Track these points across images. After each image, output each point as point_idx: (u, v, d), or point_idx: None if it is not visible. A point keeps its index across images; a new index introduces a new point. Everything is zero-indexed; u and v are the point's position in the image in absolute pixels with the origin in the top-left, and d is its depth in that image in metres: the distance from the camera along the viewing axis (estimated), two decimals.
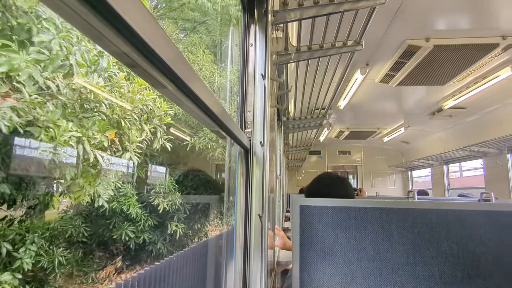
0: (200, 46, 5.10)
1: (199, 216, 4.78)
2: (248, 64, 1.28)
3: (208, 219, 5.01)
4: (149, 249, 3.97)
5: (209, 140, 4.51)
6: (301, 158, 8.74)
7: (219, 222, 5.28)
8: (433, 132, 6.63)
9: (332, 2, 1.57)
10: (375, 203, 0.77)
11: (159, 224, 4.02)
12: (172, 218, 4.12)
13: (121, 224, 3.73)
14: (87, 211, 3.76)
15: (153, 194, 4.00)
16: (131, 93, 3.40)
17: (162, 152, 4.07)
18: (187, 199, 4.37)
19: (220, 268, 1.51)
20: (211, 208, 5.07)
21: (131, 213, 3.68)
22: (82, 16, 0.29)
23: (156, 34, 0.37)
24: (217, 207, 5.16)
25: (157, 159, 4.35)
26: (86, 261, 3.67)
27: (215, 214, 5.20)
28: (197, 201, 4.61)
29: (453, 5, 2.37)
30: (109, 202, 3.35)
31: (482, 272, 0.72)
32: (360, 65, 3.42)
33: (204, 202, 4.76)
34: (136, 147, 3.38)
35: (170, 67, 0.41)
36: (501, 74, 3.33)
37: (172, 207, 4.04)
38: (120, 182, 3.69)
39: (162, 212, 3.97)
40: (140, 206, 3.88)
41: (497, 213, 0.75)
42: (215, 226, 5.28)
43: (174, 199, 4.08)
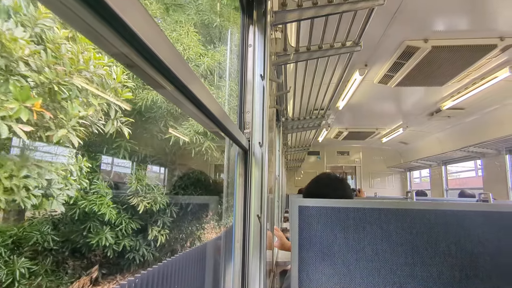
0: (185, 24, 4.28)
1: (191, 219, 4.29)
2: (247, 64, 1.28)
3: (201, 221, 4.55)
4: (131, 257, 3.41)
5: (195, 133, 3.80)
6: (300, 159, 8.75)
7: (215, 225, 4.86)
8: (431, 133, 6.65)
9: (331, 3, 1.57)
10: (373, 204, 0.78)
11: (142, 228, 3.49)
12: (156, 222, 3.58)
13: (98, 228, 3.17)
14: (59, 214, 3.21)
15: (132, 194, 3.39)
16: (72, 54, 2.50)
17: (144, 144, 3.65)
18: (175, 200, 3.89)
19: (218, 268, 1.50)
20: (205, 210, 4.59)
21: (106, 216, 3.10)
22: (80, 16, 0.29)
23: (155, 35, 0.37)
24: (211, 208, 4.69)
25: (137, 152, 3.62)
26: (56, 272, 3.06)
27: (210, 216, 4.72)
28: (188, 202, 4.14)
29: (451, 6, 2.38)
30: (77, 203, 2.90)
31: (480, 273, 0.73)
32: (358, 65, 3.43)
33: (197, 203, 4.30)
34: (80, 126, 2.52)
35: (169, 68, 0.41)
36: (499, 75, 3.35)
37: (156, 208, 3.49)
38: (87, 179, 3.06)
39: (146, 214, 3.46)
40: (118, 207, 3.32)
41: (495, 214, 0.75)
42: (211, 228, 4.86)
43: (158, 199, 3.49)
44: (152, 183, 3.51)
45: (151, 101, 3.51)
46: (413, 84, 3.76)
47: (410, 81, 3.65)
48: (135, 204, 3.26)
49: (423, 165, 8.00)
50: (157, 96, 3.53)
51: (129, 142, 3.24)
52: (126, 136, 2.98)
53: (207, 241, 4.37)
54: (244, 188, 1.15)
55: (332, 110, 5.18)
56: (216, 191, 4.55)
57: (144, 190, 3.40)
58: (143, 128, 3.71)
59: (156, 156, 3.90)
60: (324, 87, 3.17)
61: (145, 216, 3.45)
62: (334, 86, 3.11)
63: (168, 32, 4.11)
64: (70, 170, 2.65)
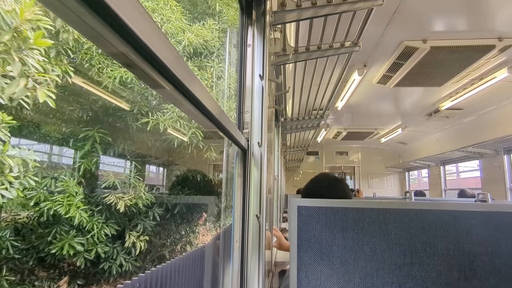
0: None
1: (181, 221, 3.74)
2: (246, 64, 1.28)
3: (193, 224, 4.03)
4: (107, 267, 2.82)
5: (179, 118, 3.06)
6: (299, 159, 8.75)
7: (211, 227, 4.41)
8: (430, 133, 6.66)
9: (330, 3, 1.57)
10: (372, 204, 0.78)
11: (119, 232, 2.89)
12: (137, 226, 2.99)
13: (63, 234, 2.57)
14: (24, 218, 2.65)
15: (108, 190, 2.79)
16: None
17: (121, 136, 3.01)
18: (160, 199, 3.35)
19: (217, 268, 1.50)
20: (198, 212, 4.02)
21: (76, 219, 2.52)
22: (79, 16, 0.29)
23: (154, 34, 0.37)
24: (205, 210, 4.17)
25: (111, 144, 2.93)
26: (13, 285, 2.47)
27: (203, 218, 4.23)
28: (177, 202, 3.55)
29: (450, 6, 2.39)
30: (40, 205, 2.39)
31: (479, 273, 0.73)
32: (357, 66, 3.44)
33: (188, 204, 3.73)
34: None
35: (167, 68, 0.41)
36: (498, 76, 3.36)
37: (137, 209, 2.92)
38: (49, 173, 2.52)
39: (124, 216, 2.91)
40: (92, 208, 2.73)
41: (493, 214, 0.75)
42: (205, 232, 4.41)
43: (141, 196, 2.88)
44: (134, 180, 2.94)
45: (122, 80, 2.78)
46: (411, 84, 3.77)
47: (409, 82, 3.66)
48: (113, 203, 2.72)
49: (422, 165, 8.02)
50: (126, 74, 2.79)
51: (101, 132, 2.70)
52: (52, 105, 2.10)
53: (206, 242, 4.21)
54: (243, 188, 1.15)
55: (331, 110, 5.19)
56: (210, 191, 4.07)
57: (125, 186, 2.87)
58: (119, 114, 2.96)
59: (136, 152, 3.21)
60: (323, 87, 3.18)
61: (124, 220, 2.87)
62: (333, 86, 3.11)
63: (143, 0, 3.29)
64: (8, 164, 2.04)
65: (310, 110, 4.17)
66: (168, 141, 3.24)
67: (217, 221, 4.11)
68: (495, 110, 4.69)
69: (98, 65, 2.70)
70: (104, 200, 2.75)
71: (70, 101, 2.69)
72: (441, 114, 5.00)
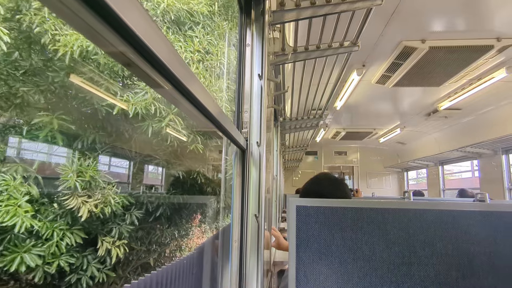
0: None
1: (168, 225, 3.31)
2: (245, 64, 1.28)
3: (182, 228, 3.59)
4: (74, 280, 2.33)
5: (154, 100, 2.53)
6: (298, 159, 8.76)
7: (205, 230, 3.96)
8: (428, 133, 6.67)
9: (329, 3, 1.57)
10: (371, 204, 0.78)
11: (89, 239, 2.43)
12: (111, 231, 2.51)
13: (15, 245, 2.06)
14: None
15: (70, 193, 2.26)
16: None
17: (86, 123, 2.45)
18: (141, 200, 2.90)
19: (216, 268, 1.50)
20: (189, 213, 3.58)
21: (19, 227, 2.00)
22: (78, 15, 0.29)
23: (153, 34, 0.37)
24: (195, 212, 3.71)
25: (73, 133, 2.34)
26: None
27: (196, 220, 3.80)
28: (161, 203, 3.11)
29: (448, 7, 2.39)
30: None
31: (477, 272, 0.73)
32: (356, 66, 3.44)
33: (174, 204, 3.31)
34: None
35: (167, 67, 0.41)
36: (496, 76, 3.37)
37: (109, 212, 2.41)
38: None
39: (97, 221, 2.42)
40: (46, 212, 2.18)
41: (491, 214, 0.75)
42: (198, 236, 3.97)
43: (110, 201, 2.36)
44: (103, 177, 2.44)
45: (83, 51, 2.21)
46: (410, 84, 3.77)
47: (408, 82, 3.66)
48: (74, 207, 2.22)
49: (420, 165, 8.04)
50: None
51: (62, 119, 2.14)
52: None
53: (204, 241, 4.03)
54: (242, 188, 1.14)
55: (329, 110, 5.19)
56: (202, 190, 3.63)
57: (89, 187, 2.34)
58: (85, 96, 2.32)
59: (110, 144, 2.67)
60: (322, 87, 3.18)
61: (94, 225, 2.44)
62: (332, 86, 3.12)
63: None
64: None
65: (309, 110, 4.18)
66: (148, 130, 2.61)
67: (211, 223, 3.78)
68: (493, 110, 4.70)
69: (52, 31, 2.08)
70: (65, 203, 2.23)
71: (15, 78, 2.09)
72: (439, 114, 5.01)
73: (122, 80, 2.58)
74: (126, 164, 3.06)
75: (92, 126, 2.47)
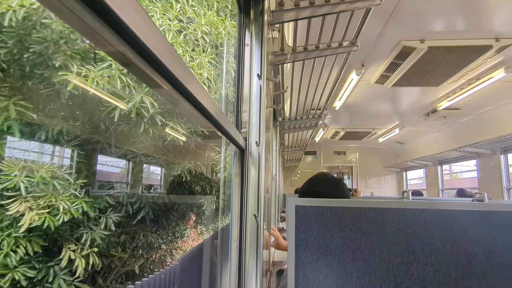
0: None
1: (154, 227, 2.93)
2: (244, 64, 1.28)
3: (172, 231, 3.18)
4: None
5: (122, 75, 2.01)
6: (297, 159, 8.76)
7: (197, 233, 3.53)
8: (427, 133, 6.69)
9: (328, 2, 1.57)
10: (370, 204, 0.78)
11: (53, 247, 2.04)
12: (81, 237, 2.11)
13: None
14: None
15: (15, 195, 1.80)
16: None
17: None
18: (120, 201, 2.51)
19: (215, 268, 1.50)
20: (177, 215, 3.13)
21: None
22: (77, 14, 0.29)
23: (152, 33, 0.37)
24: (188, 212, 3.23)
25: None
26: None
27: (190, 223, 3.38)
28: (146, 202, 2.70)
29: (447, 7, 2.40)
30: None
31: (476, 272, 0.73)
32: (355, 65, 3.44)
33: (162, 204, 2.90)
34: None
35: (166, 67, 0.41)
36: (495, 76, 3.37)
37: (87, 214, 2.06)
38: None
39: (61, 226, 1.97)
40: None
41: (490, 213, 0.76)
42: (190, 240, 3.57)
43: (60, 208, 1.89)
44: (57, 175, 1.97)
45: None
46: (409, 84, 3.78)
47: (407, 82, 3.67)
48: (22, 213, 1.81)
49: (419, 165, 8.05)
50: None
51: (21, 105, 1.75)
52: None
53: (203, 240, 3.89)
54: (241, 188, 1.14)
55: (329, 110, 5.20)
56: (193, 190, 3.19)
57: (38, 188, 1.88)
58: (44, 74, 1.86)
59: (78, 135, 2.21)
60: (321, 87, 3.18)
61: (60, 230, 2.05)
62: (331, 86, 3.12)
63: None
64: None
65: (308, 109, 4.18)
66: (113, 113, 2.09)
67: (204, 225, 3.46)
68: (492, 110, 4.71)
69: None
70: (9, 208, 1.79)
71: None
72: (438, 114, 5.02)
73: (79, 52, 2.00)
74: (103, 160, 2.63)
75: (49, 112, 2.01)
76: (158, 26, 2.09)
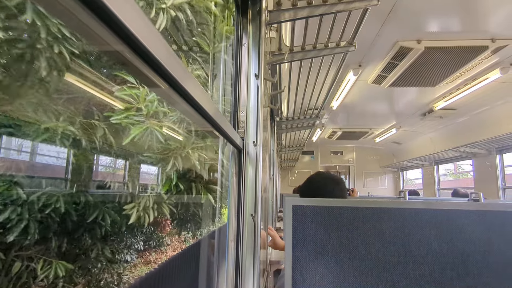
0: None
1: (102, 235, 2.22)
2: (241, 63, 1.28)
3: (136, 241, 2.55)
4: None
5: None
6: (294, 158, 8.77)
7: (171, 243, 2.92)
8: (424, 133, 6.72)
9: (325, 2, 1.58)
10: (367, 203, 0.78)
11: None
12: None
13: None
14: None
15: None
16: None
17: None
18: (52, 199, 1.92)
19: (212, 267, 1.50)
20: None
21: None
22: (74, 13, 0.28)
23: (149, 33, 0.37)
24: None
25: None
26: None
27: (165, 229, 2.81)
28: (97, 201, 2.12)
29: (444, 7, 2.41)
30: None
31: (472, 271, 0.74)
32: (352, 66, 3.45)
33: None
34: None
35: (163, 66, 0.41)
36: (491, 76, 3.40)
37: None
38: None
39: None
40: None
41: (486, 213, 0.76)
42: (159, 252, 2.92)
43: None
44: None
45: None
46: (406, 84, 3.79)
47: (403, 82, 3.68)
48: None
49: (416, 164, 8.09)
50: None
51: None
52: None
53: (201, 239, 3.72)
54: (238, 187, 1.14)
55: (326, 110, 5.20)
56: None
57: None
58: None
59: None
60: (318, 87, 3.19)
61: None
62: (328, 86, 3.12)
63: None
64: None
65: (306, 109, 4.18)
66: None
67: (188, 231, 2.78)
68: (488, 110, 4.74)
69: None
70: None
71: None
72: (435, 114, 5.04)
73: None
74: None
75: None
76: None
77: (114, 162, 2.57)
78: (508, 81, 3.60)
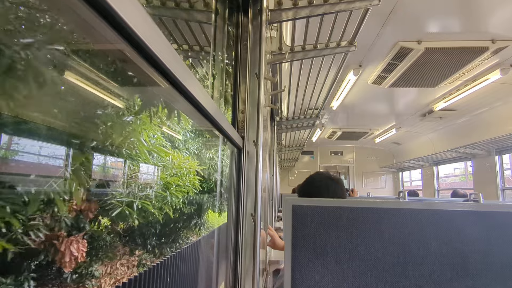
0: None
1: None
2: (241, 63, 1.28)
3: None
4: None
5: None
6: (294, 158, 8.77)
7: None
8: (423, 134, 6.72)
9: (326, 2, 1.57)
10: (366, 203, 0.78)
11: None
12: None
13: None
14: None
15: None
16: None
17: None
18: None
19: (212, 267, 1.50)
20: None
21: None
22: (76, 11, 0.28)
23: (151, 32, 0.37)
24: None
25: None
26: None
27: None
28: None
29: (444, 8, 2.41)
30: None
31: (471, 271, 0.74)
32: (353, 66, 3.45)
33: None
34: None
35: (164, 65, 0.41)
36: (491, 77, 3.40)
37: None
38: None
39: None
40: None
41: (485, 214, 0.76)
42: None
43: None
44: None
45: None
46: (406, 85, 3.79)
47: (404, 82, 3.68)
48: None
49: (415, 165, 8.09)
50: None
51: None
52: None
53: (200, 239, 3.80)
54: (238, 187, 1.14)
55: (326, 110, 5.21)
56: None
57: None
58: None
59: None
60: (319, 87, 3.19)
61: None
62: (328, 86, 3.12)
63: None
64: None
65: (306, 109, 4.18)
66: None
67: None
68: (487, 111, 4.74)
69: None
70: None
71: None
72: (434, 115, 5.04)
73: None
74: None
75: None
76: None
77: None
78: (508, 82, 3.60)
